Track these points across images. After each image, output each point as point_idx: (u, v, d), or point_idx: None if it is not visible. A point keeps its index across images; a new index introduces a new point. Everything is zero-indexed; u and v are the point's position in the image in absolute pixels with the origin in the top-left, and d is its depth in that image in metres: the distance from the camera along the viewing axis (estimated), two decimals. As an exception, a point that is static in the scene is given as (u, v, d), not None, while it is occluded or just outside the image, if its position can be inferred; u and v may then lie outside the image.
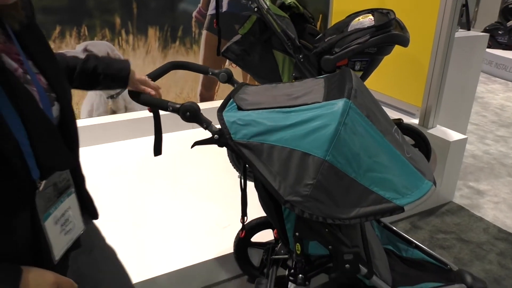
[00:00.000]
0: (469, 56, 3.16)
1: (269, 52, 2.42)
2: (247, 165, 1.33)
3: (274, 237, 1.90)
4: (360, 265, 1.38)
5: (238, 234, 2.10)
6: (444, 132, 2.85)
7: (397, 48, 2.41)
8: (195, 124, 1.30)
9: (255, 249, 2.15)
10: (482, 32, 4.07)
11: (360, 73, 2.40)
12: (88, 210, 1.06)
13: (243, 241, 2.11)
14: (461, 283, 1.58)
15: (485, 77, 6.45)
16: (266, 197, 1.43)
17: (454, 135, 2.80)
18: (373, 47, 2.22)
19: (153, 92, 1.31)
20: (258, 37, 2.37)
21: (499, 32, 6.70)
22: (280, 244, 1.91)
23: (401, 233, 1.78)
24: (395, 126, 1.44)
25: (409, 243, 1.76)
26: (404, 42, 2.24)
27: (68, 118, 0.90)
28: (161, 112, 1.36)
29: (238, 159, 2.74)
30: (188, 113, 1.26)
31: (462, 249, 2.50)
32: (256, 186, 1.47)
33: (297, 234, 1.37)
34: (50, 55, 0.91)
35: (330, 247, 1.34)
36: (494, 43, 6.82)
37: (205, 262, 2.12)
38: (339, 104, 1.22)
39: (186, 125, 3.43)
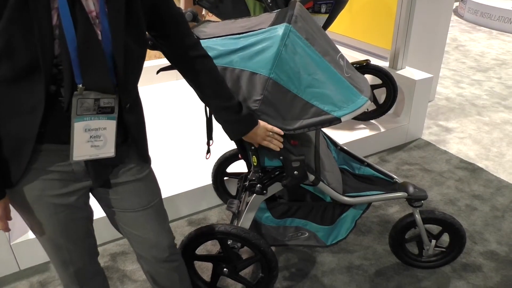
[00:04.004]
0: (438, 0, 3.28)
1: (240, -2, 2.56)
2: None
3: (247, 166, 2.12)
4: (308, 173, 1.60)
5: (214, 165, 2.32)
6: (411, 72, 3.03)
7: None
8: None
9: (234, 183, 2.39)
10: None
11: (326, 16, 2.56)
12: (138, 150, 1.20)
13: (219, 172, 2.34)
14: (404, 192, 1.81)
15: (470, 26, 6.53)
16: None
17: (420, 74, 2.98)
18: (335, -11, 2.37)
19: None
20: (228, -16, 2.52)
21: (485, -20, 6.72)
22: (252, 172, 2.13)
23: (354, 154, 1.99)
24: (341, 53, 1.63)
25: (361, 162, 1.98)
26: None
27: (118, 61, 1.01)
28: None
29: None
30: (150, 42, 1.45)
31: (424, 177, 2.73)
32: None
33: (252, 147, 1.58)
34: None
35: (281, 157, 1.56)
36: (480, -8, 6.85)
37: (189, 192, 2.36)
38: (280, 28, 1.41)
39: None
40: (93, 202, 1.23)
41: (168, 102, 3.40)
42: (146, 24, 1.09)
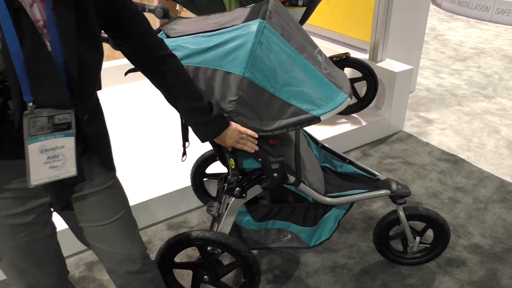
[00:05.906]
0: (416, -10, 3.25)
1: (215, -8, 2.48)
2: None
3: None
4: (288, 174, 1.54)
5: (193, 166, 2.25)
6: (391, 64, 2.99)
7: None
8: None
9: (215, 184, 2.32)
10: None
11: (304, 9, 2.49)
12: (101, 160, 1.12)
13: (198, 173, 2.26)
14: (387, 189, 1.77)
15: (448, 16, 6.55)
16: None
17: (400, 66, 2.94)
18: (312, -19, 2.30)
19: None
20: (202, -22, 2.42)
21: (462, -31, 6.73)
22: (230, 175, 2.06)
23: (336, 152, 1.94)
24: (318, 48, 1.56)
25: (343, 159, 1.93)
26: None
27: (72, 72, 0.93)
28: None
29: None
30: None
31: (407, 170, 2.71)
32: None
33: (229, 150, 1.51)
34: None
35: (260, 159, 1.49)
36: (457, -19, 6.87)
37: (168, 195, 2.27)
38: (254, 24, 1.33)
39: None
40: (55, 215, 1.15)
41: (141, 102, 3.29)
42: (101, 27, 1.00)
